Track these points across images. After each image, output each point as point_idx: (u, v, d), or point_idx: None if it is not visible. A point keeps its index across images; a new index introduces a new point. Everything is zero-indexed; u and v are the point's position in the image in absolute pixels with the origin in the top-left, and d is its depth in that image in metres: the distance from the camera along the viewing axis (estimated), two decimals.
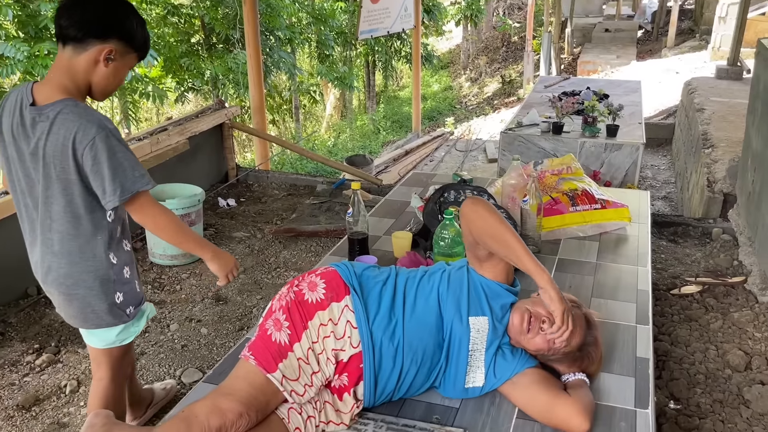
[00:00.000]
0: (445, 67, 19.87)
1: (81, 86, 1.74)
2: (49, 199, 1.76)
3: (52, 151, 1.69)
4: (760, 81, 3.63)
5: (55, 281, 1.84)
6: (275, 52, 10.27)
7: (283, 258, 3.80)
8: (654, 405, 1.68)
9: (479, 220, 1.59)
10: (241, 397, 1.46)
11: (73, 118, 1.66)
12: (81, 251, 1.80)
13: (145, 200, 1.76)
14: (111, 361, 2.01)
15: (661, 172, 6.89)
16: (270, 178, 5.16)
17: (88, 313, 1.87)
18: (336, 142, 13.02)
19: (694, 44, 12.47)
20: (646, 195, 3.05)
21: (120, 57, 1.75)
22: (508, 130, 5.32)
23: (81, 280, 1.82)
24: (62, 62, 1.72)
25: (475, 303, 1.65)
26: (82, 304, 1.85)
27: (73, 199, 1.75)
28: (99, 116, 1.70)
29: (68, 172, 1.71)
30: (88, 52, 1.70)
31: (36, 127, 1.70)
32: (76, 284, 1.83)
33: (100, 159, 1.66)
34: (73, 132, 1.66)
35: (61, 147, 1.68)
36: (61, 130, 1.66)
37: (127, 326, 1.95)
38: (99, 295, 1.85)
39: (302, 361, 1.53)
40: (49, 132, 1.68)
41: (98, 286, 1.84)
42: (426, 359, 1.61)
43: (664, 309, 2.96)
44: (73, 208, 1.76)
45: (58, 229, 1.78)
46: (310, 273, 1.68)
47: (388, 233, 2.64)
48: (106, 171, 1.67)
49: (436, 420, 1.63)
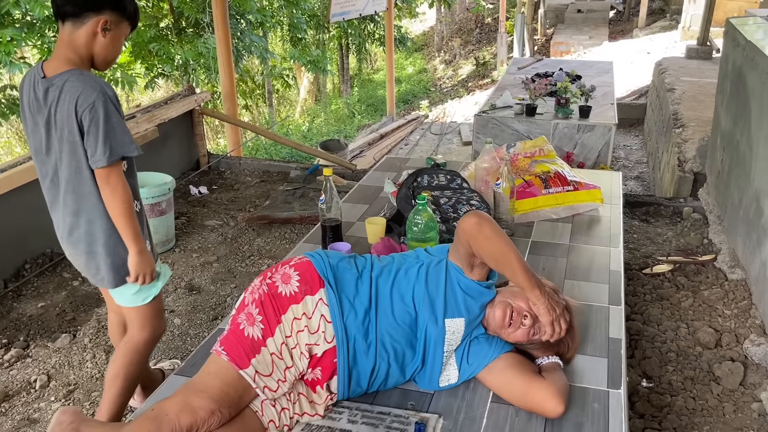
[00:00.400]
0: (420, 49, 19.78)
1: (84, 58, 1.89)
2: (63, 162, 1.90)
3: (62, 116, 1.84)
4: (728, 60, 3.67)
5: (77, 240, 1.99)
6: (246, 36, 10.10)
7: (257, 246, 3.76)
8: (626, 385, 1.70)
9: (485, 242, 1.54)
10: (213, 393, 1.43)
11: (77, 84, 1.81)
12: (95, 210, 1.94)
13: (118, 169, 1.89)
14: (140, 320, 2.12)
15: (634, 152, 6.96)
16: (242, 164, 5.09)
17: (106, 271, 2.00)
18: (311, 126, 12.90)
19: (664, 24, 12.57)
20: (618, 176, 3.07)
21: (115, 27, 1.90)
22: (482, 112, 5.31)
23: (98, 238, 1.96)
24: (64, 38, 1.87)
25: (452, 304, 1.61)
26: (100, 262, 1.99)
27: (82, 162, 1.88)
28: (101, 83, 1.84)
29: (74, 135, 1.85)
30: (86, 26, 1.85)
31: (48, 96, 1.86)
32: (95, 242, 1.97)
33: (96, 121, 1.81)
34: (76, 96, 1.80)
35: (67, 111, 1.82)
36: (68, 95, 1.81)
37: (142, 286, 2.04)
38: (112, 254, 1.98)
39: (275, 357, 1.50)
40: (58, 99, 1.83)
41: (112, 244, 1.96)
42: (399, 357, 1.59)
43: (636, 288, 2.99)
44: (82, 170, 1.89)
45: (73, 189, 1.92)
46: (284, 264, 1.64)
47: (362, 219, 2.61)
48: (100, 133, 1.81)
49: (411, 406, 1.62)
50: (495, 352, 1.63)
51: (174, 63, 9.99)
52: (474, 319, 1.63)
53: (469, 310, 1.61)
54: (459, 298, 1.61)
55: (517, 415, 1.58)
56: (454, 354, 1.63)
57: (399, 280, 1.63)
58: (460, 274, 1.63)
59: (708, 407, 2.22)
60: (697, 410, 2.22)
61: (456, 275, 1.63)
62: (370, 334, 1.56)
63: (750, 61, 3.09)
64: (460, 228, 1.59)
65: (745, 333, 2.52)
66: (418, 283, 1.61)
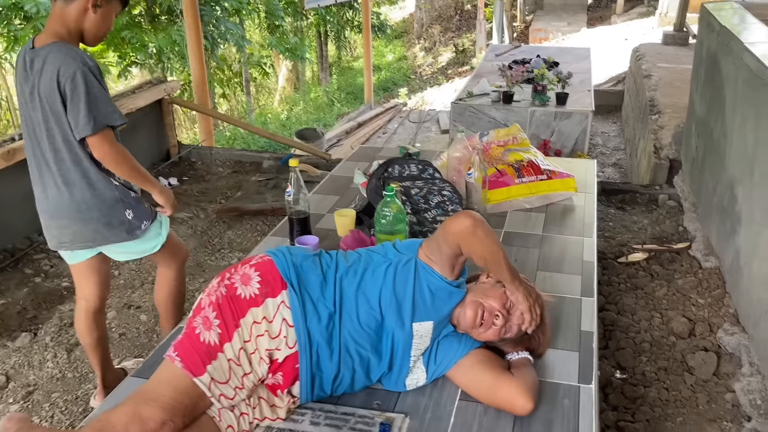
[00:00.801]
0: (399, 36, 19.64)
1: (73, 33, 1.95)
2: (49, 131, 1.96)
3: (45, 86, 1.89)
4: (703, 46, 3.64)
5: (68, 211, 2.03)
6: (222, 23, 9.91)
7: (227, 238, 3.67)
8: (597, 380, 1.66)
9: (478, 244, 1.50)
10: (165, 402, 1.35)
11: (59, 55, 1.87)
12: (85, 178, 2.00)
13: (109, 135, 1.95)
14: (164, 259, 2.32)
15: (611, 138, 6.96)
16: (214, 155, 4.98)
17: (104, 232, 2.08)
18: (289, 115, 12.75)
19: (642, 10, 12.60)
20: (592, 164, 3.03)
21: (106, 3, 1.96)
22: (459, 100, 5.25)
23: (93, 204, 2.03)
24: (56, 13, 1.93)
25: (420, 307, 1.53)
26: (98, 226, 2.06)
27: (68, 130, 1.93)
28: (82, 54, 1.90)
29: (58, 105, 1.90)
30: (77, 2, 1.91)
31: (33, 67, 1.92)
32: (89, 209, 2.03)
33: (78, 92, 1.86)
34: (57, 67, 1.86)
35: (49, 82, 1.88)
36: (50, 66, 1.87)
37: (147, 237, 2.18)
38: (110, 215, 2.06)
39: (233, 363, 1.42)
40: (42, 70, 1.89)
41: (107, 208, 2.05)
42: (365, 363, 1.53)
43: (611, 278, 2.96)
44: (69, 139, 1.95)
45: (60, 159, 1.98)
46: (244, 263, 1.55)
47: (332, 211, 2.55)
48: (82, 104, 1.87)
49: (377, 406, 1.57)
50: (464, 349, 1.58)
51: (147, 51, 9.79)
52: (442, 320, 1.57)
53: (438, 311, 1.55)
54: (428, 300, 1.54)
55: (485, 414, 1.53)
56: (422, 357, 1.58)
57: (365, 282, 1.54)
58: (430, 275, 1.54)
59: (681, 398, 2.20)
60: (670, 401, 2.19)
61: (425, 276, 1.54)
62: (334, 340, 1.49)
63: (724, 47, 3.06)
64: (450, 230, 1.49)
65: (719, 322, 2.50)
66: (385, 286, 1.53)
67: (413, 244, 1.63)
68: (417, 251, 1.59)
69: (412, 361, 1.56)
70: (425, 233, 2.22)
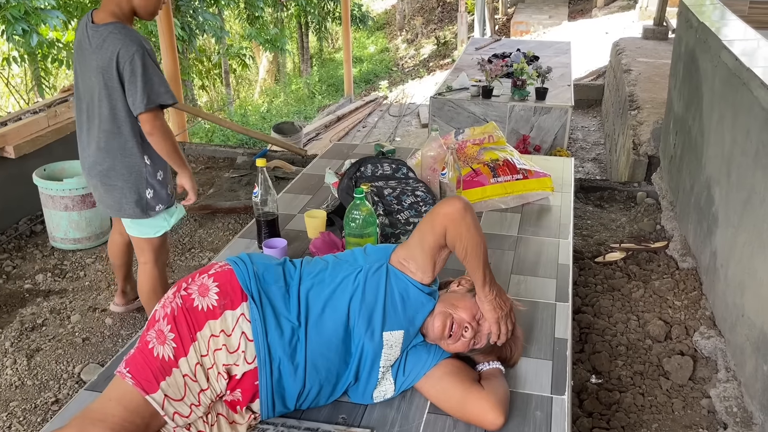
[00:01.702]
0: (381, 28, 19.50)
1: (126, 12, 2.18)
2: (99, 102, 2.19)
3: (102, 62, 2.13)
4: (681, 42, 3.60)
5: (99, 174, 2.29)
6: (200, 14, 9.73)
7: (198, 237, 3.58)
8: (571, 389, 1.61)
9: (465, 230, 1.43)
10: (114, 423, 1.27)
11: (120, 37, 2.10)
12: (121, 149, 2.24)
13: (160, 114, 2.20)
14: (152, 248, 2.47)
15: (591, 133, 6.94)
16: (187, 150, 4.86)
17: (123, 203, 2.31)
18: (270, 107, 12.59)
19: (623, 4, 12.59)
20: (570, 162, 2.99)
21: None
22: (438, 94, 5.19)
23: (120, 174, 2.26)
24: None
25: (391, 316, 1.47)
26: (119, 195, 2.29)
27: (116, 104, 2.18)
28: (140, 38, 2.14)
29: (113, 81, 2.14)
30: None
31: (92, 41, 2.15)
32: (116, 177, 2.27)
33: (135, 72, 2.10)
34: (118, 48, 2.09)
35: (108, 60, 2.11)
36: (110, 46, 2.10)
37: (156, 220, 2.40)
38: (132, 189, 2.29)
39: (189, 378, 1.35)
40: (101, 47, 2.12)
41: (132, 180, 2.28)
42: (331, 377, 1.46)
43: (587, 279, 2.92)
44: (116, 112, 2.19)
45: (104, 128, 2.22)
46: (202, 272, 1.47)
47: (303, 211, 2.47)
48: (139, 83, 2.10)
49: (342, 420, 1.51)
50: (433, 360, 1.53)
51: None
52: (413, 329, 1.51)
53: (409, 320, 1.49)
54: (399, 308, 1.48)
55: (455, 427, 1.48)
56: (390, 369, 1.52)
57: (334, 294, 1.47)
58: (402, 281, 1.49)
59: (657, 404, 2.17)
60: (646, 407, 2.16)
61: (396, 282, 1.49)
62: (298, 355, 1.41)
63: (702, 44, 3.02)
64: (441, 210, 1.45)
65: (695, 325, 2.47)
66: (354, 295, 1.46)
67: (385, 250, 1.57)
68: (389, 256, 1.53)
69: (380, 372, 1.50)
70: (397, 235, 2.16)
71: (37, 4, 6.92)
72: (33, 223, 3.62)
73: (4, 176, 3.51)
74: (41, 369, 2.52)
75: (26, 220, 3.66)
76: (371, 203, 2.12)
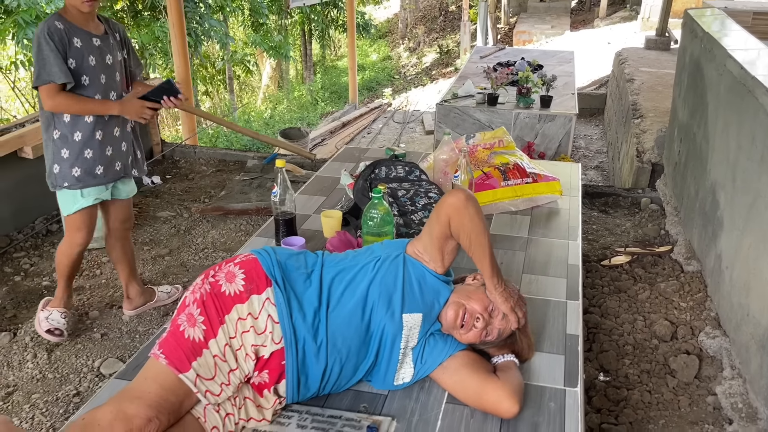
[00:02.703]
0: (384, 36, 19.63)
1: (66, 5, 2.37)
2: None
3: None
4: (686, 52, 3.68)
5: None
6: (206, 20, 9.83)
7: (211, 238, 3.64)
8: (583, 382, 1.67)
9: (468, 219, 1.54)
10: (150, 400, 1.35)
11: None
12: (42, 123, 2.43)
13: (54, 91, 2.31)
14: (67, 225, 2.58)
15: (594, 141, 7.02)
16: (198, 153, 4.93)
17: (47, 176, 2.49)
18: (273, 113, 12.68)
19: (625, 15, 12.72)
20: (577, 168, 3.06)
21: None
22: (444, 101, 5.27)
23: (45, 143, 2.46)
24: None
25: (410, 299, 1.56)
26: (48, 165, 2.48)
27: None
28: (49, 20, 2.31)
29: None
30: None
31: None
32: (45, 145, 2.47)
33: (34, 51, 2.30)
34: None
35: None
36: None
37: (64, 196, 2.49)
38: (48, 159, 2.47)
39: (218, 359, 1.42)
40: None
41: (48, 152, 2.46)
42: (352, 357, 1.53)
43: (594, 281, 2.99)
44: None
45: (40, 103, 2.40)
46: (228, 262, 1.57)
47: (318, 212, 2.54)
48: (34, 60, 2.30)
49: (363, 409, 1.57)
50: (450, 350, 1.59)
51: None
52: (431, 313, 1.59)
53: (427, 304, 1.58)
54: (416, 292, 1.58)
55: (472, 417, 1.54)
56: (411, 352, 1.58)
57: (354, 279, 1.57)
58: (418, 268, 1.60)
59: (664, 401, 2.22)
60: (653, 404, 2.22)
61: (413, 269, 1.60)
62: (320, 335, 1.50)
63: (707, 53, 3.10)
64: (445, 202, 1.56)
65: (700, 325, 2.53)
66: (374, 280, 1.56)
67: (401, 243, 1.68)
68: (405, 247, 1.64)
69: (401, 354, 1.57)
70: (412, 235, 2.22)
71: (48, 9, 7.02)
72: (49, 222, 3.69)
73: (22, 176, 3.58)
74: (61, 363, 2.58)
75: (42, 219, 3.72)
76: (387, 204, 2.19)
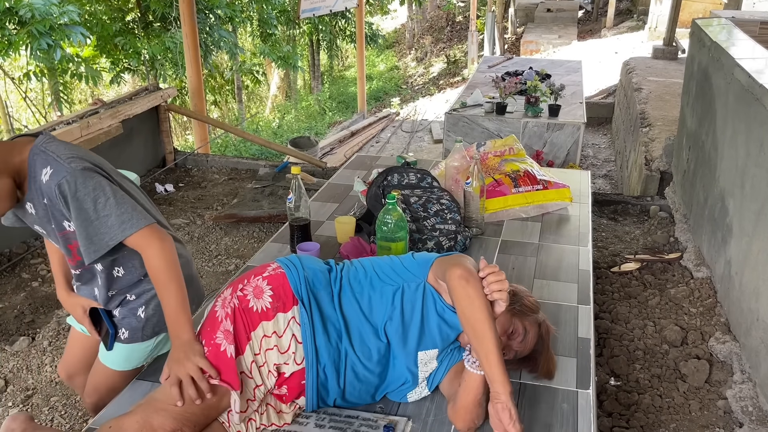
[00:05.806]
0: (391, 46, 19.77)
1: None
2: None
3: None
4: (694, 61, 3.71)
5: None
6: (215, 31, 9.94)
7: (224, 245, 3.69)
8: (595, 384, 1.70)
9: (467, 303, 1.36)
10: (175, 412, 1.37)
11: None
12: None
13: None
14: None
15: (602, 150, 7.05)
16: (210, 162, 5.00)
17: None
18: (281, 123, 12.78)
19: (632, 24, 12.77)
20: (587, 175, 3.09)
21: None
22: (453, 110, 5.31)
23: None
24: None
25: (427, 336, 1.52)
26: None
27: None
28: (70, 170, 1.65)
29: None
30: None
31: None
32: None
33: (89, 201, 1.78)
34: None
35: None
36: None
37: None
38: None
39: (245, 376, 1.44)
40: None
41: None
42: (371, 386, 1.55)
43: (604, 287, 3.01)
44: None
45: None
46: (256, 275, 1.53)
47: (331, 218, 2.58)
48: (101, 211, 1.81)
49: (379, 409, 1.60)
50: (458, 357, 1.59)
51: (140, 58, 9.79)
52: (448, 346, 1.57)
53: (444, 339, 1.54)
54: (434, 328, 1.51)
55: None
56: (426, 378, 1.59)
57: (373, 306, 1.52)
58: (439, 303, 1.51)
59: (674, 405, 2.24)
60: (663, 408, 2.23)
61: (433, 304, 1.51)
62: (341, 360, 1.49)
63: (715, 62, 3.13)
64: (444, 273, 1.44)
65: (710, 331, 2.55)
66: (394, 314, 1.51)
67: (424, 264, 1.55)
68: (427, 273, 1.53)
69: (418, 382, 1.57)
70: (424, 240, 2.25)
71: (61, 20, 7.12)
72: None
73: None
74: None
75: None
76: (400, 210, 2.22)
